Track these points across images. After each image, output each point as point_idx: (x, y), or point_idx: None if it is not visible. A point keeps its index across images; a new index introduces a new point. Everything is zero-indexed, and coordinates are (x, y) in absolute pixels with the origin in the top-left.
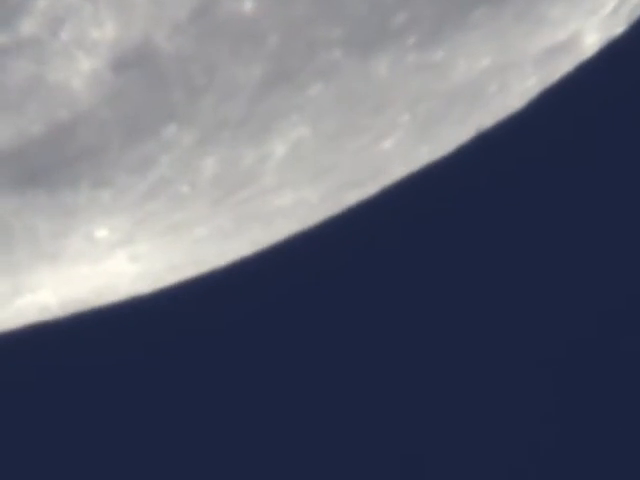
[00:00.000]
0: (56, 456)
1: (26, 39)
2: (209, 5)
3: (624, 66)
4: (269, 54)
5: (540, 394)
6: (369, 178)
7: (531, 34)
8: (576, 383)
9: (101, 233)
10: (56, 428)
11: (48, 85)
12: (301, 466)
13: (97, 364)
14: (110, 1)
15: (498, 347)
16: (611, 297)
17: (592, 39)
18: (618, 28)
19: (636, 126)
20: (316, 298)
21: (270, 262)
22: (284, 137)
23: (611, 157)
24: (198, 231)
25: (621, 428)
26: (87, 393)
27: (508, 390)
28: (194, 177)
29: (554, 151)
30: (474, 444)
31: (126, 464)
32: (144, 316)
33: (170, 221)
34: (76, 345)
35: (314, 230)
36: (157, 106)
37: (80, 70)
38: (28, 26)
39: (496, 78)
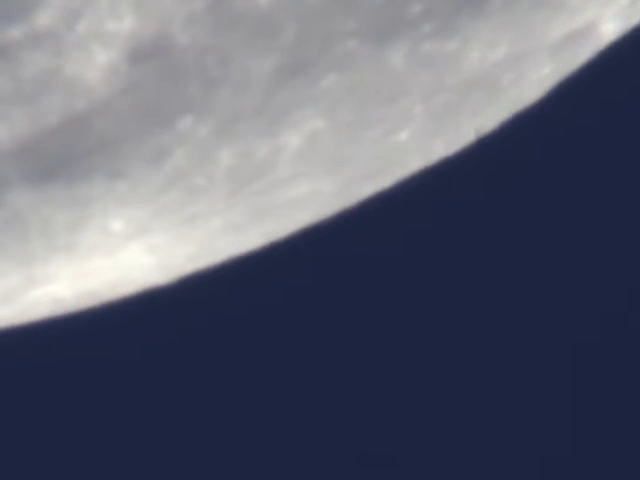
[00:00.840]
0: (56, 454)
1: (42, 32)
2: None
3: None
4: (284, 45)
5: (541, 395)
6: (384, 170)
7: (548, 22)
8: (578, 385)
9: (117, 225)
10: (56, 426)
11: (64, 77)
12: (301, 466)
13: (101, 362)
14: None
15: (500, 348)
16: (612, 298)
17: (610, 28)
18: (636, 17)
19: None
20: (317, 298)
21: (269, 260)
22: (299, 128)
23: (630, 151)
24: (213, 222)
25: (622, 429)
26: (90, 390)
27: (508, 390)
28: (210, 169)
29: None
30: (475, 446)
31: (126, 462)
32: (155, 308)
33: (186, 213)
34: (79, 342)
35: (314, 229)
36: (173, 98)
37: (96, 62)
38: (44, 19)
39: (512, 68)
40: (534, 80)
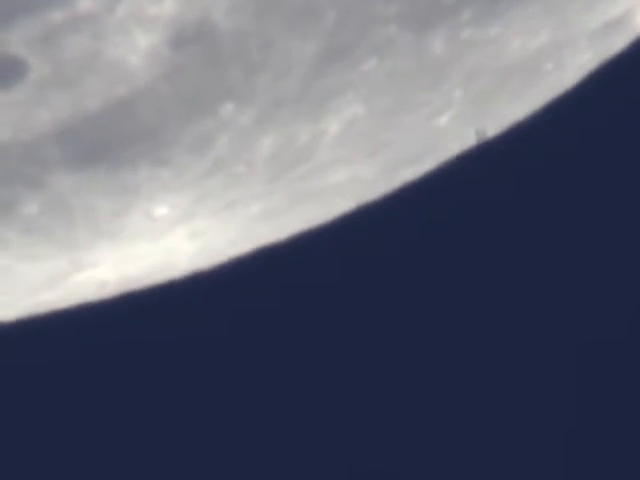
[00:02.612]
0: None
1: (83, 15)
2: None
3: None
4: (325, 30)
5: (544, 398)
6: (425, 154)
7: (588, 9)
8: (578, 385)
9: (160, 211)
10: (57, 424)
11: (105, 61)
12: (301, 465)
13: (108, 359)
14: None
15: (505, 350)
16: (611, 300)
17: None
18: None
19: None
20: (318, 300)
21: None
22: (339, 114)
23: None
24: (254, 208)
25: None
26: (94, 387)
27: (509, 391)
28: (251, 155)
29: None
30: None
31: (127, 460)
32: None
33: (228, 198)
34: (83, 339)
35: (315, 233)
36: (215, 83)
37: (137, 46)
38: (85, 2)
39: (552, 54)
40: (573, 67)
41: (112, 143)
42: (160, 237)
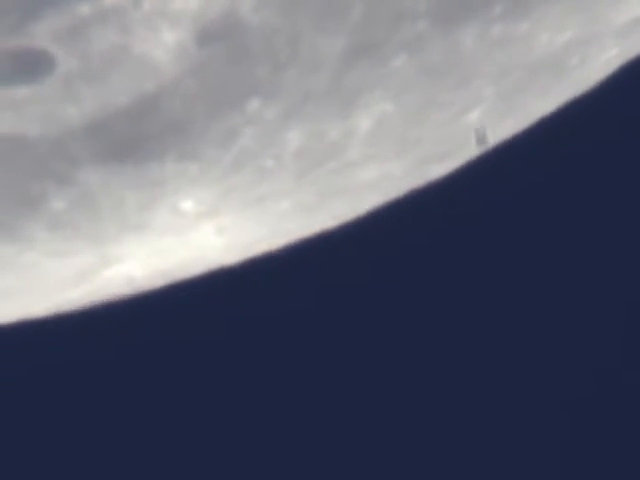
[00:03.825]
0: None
1: (109, 9)
2: None
3: None
4: (353, 26)
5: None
6: (454, 151)
7: (615, 7)
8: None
9: (187, 206)
10: (58, 423)
11: (132, 56)
12: (301, 465)
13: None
14: None
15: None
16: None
17: None
18: None
19: None
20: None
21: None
22: (368, 110)
23: None
24: (283, 204)
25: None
26: (100, 385)
27: (509, 392)
28: (279, 150)
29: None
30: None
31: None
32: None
33: (255, 194)
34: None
35: (317, 239)
36: (241, 79)
37: (164, 41)
38: None
39: (579, 50)
40: (600, 63)
41: (139, 138)
42: (187, 232)
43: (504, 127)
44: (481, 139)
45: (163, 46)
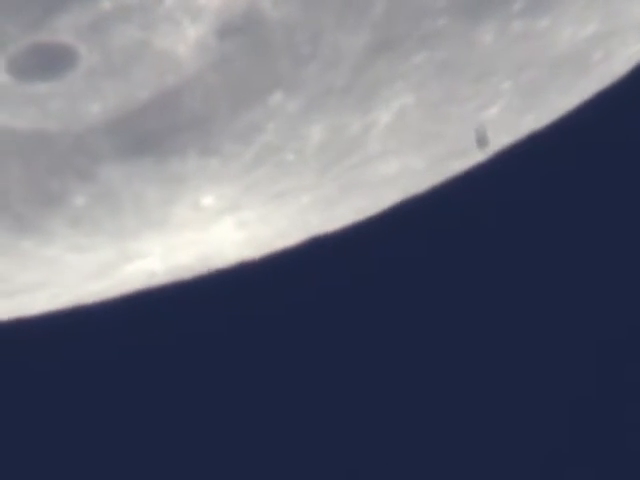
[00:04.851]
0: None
1: (131, 4)
2: None
3: None
4: (374, 21)
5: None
6: (474, 146)
7: (637, 1)
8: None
9: (208, 200)
10: (59, 423)
11: (154, 51)
12: (301, 465)
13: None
14: None
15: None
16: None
17: None
18: None
19: None
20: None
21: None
22: (389, 105)
23: None
24: (304, 198)
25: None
26: (105, 384)
27: (510, 394)
28: (300, 145)
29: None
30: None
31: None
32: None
33: (276, 188)
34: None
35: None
36: (263, 73)
37: (186, 36)
38: None
39: (601, 45)
40: (622, 57)
41: (161, 133)
42: (208, 226)
43: (525, 123)
44: (481, 139)
45: (185, 41)
